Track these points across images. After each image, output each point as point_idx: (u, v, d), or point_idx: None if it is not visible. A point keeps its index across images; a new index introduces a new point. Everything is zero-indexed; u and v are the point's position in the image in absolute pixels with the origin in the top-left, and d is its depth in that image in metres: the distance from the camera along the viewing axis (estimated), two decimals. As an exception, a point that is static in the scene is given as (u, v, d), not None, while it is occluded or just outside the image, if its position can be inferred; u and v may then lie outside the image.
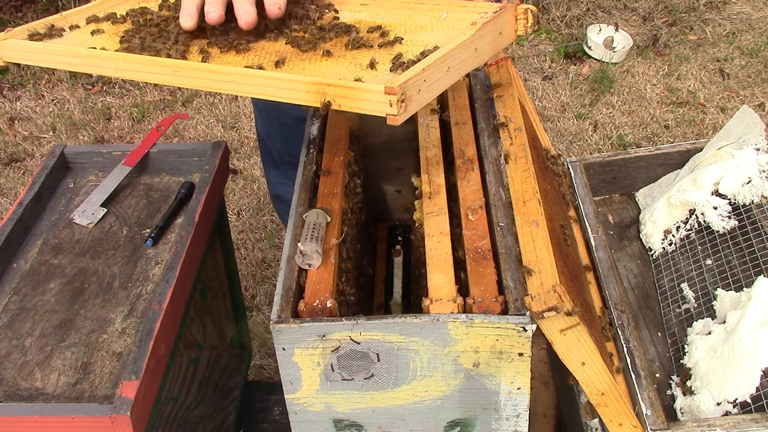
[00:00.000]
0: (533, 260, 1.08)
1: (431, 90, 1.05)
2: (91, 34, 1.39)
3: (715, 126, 3.36)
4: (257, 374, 2.40)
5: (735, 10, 4.24)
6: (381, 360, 1.09)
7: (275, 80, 1.09)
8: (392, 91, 0.96)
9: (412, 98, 0.99)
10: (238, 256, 2.77)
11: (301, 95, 1.06)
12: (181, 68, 1.18)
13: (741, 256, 1.39)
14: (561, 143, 3.35)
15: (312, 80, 1.05)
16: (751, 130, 1.54)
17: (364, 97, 1.00)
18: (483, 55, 1.17)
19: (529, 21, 1.21)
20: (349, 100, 1.02)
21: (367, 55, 1.18)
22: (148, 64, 1.22)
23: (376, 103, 0.99)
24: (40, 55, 1.34)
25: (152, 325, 1.19)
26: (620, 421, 1.13)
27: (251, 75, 1.12)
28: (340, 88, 1.03)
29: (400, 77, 1.00)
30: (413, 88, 0.99)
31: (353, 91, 1.01)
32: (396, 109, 0.97)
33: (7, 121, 3.69)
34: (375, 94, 0.99)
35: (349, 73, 1.13)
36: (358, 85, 1.01)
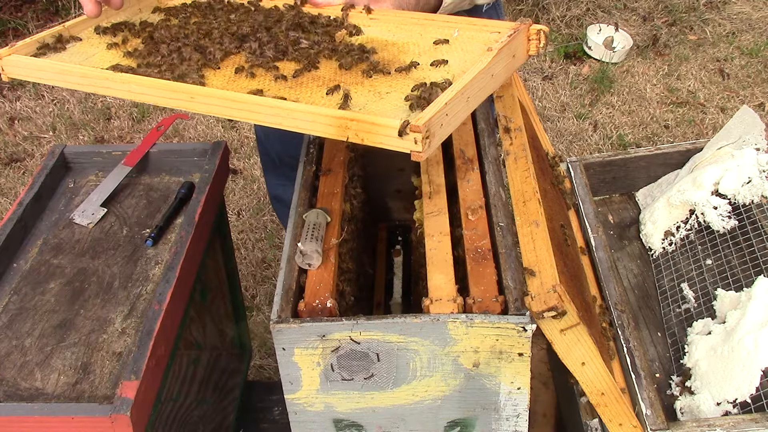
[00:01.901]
0: (533, 260, 1.08)
1: (452, 123, 1.03)
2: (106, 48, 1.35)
3: (715, 126, 3.36)
4: (257, 374, 2.40)
5: (735, 10, 4.24)
6: (381, 360, 1.09)
7: (297, 112, 1.06)
8: (417, 129, 0.95)
9: (436, 134, 0.98)
10: (238, 256, 2.77)
11: (323, 128, 1.04)
12: (197, 95, 1.15)
13: (741, 256, 1.39)
14: (561, 143, 3.35)
15: (335, 114, 1.03)
16: (751, 130, 1.54)
17: (389, 134, 0.98)
18: (498, 79, 1.16)
19: (541, 41, 1.19)
20: (373, 136, 1.00)
21: (384, 82, 1.15)
22: (162, 89, 1.18)
23: (400, 140, 0.97)
24: (46, 73, 1.29)
25: (152, 325, 1.19)
26: (620, 421, 1.13)
27: (271, 105, 1.08)
28: (363, 124, 1.01)
29: (424, 114, 0.98)
30: (436, 123, 0.98)
31: (377, 127, 0.99)
32: (421, 146, 0.96)
33: (7, 121, 3.69)
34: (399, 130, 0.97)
35: (369, 103, 1.10)
36: (382, 121, 0.99)
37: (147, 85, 1.19)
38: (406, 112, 1.04)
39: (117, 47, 1.35)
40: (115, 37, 1.39)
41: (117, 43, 1.36)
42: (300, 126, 1.06)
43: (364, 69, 1.18)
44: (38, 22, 4.34)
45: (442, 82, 1.08)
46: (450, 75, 1.14)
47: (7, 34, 4.29)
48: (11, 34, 4.29)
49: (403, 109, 1.05)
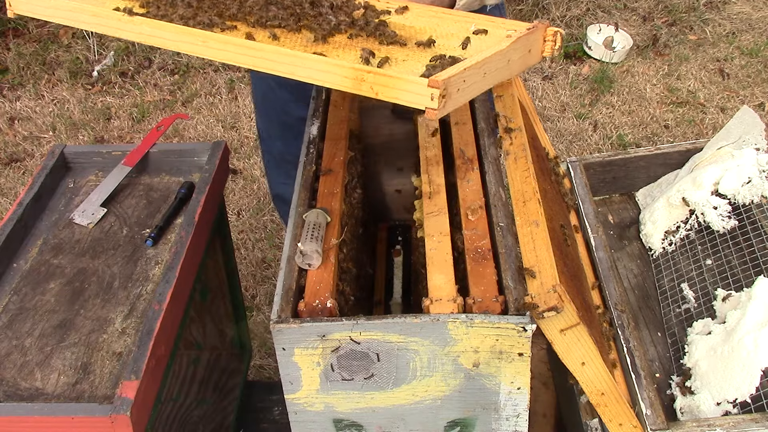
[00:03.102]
0: (533, 260, 1.08)
1: (467, 92, 1.03)
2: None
3: (715, 126, 3.36)
4: (257, 374, 2.40)
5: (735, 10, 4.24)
6: (381, 360, 1.09)
7: (313, 62, 1.05)
8: (436, 84, 0.94)
9: (452, 96, 0.98)
10: (238, 256, 2.76)
11: (339, 79, 1.03)
12: (210, 39, 1.13)
13: (741, 256, 1.39)
14: (561, 143, 3.35)
15: (353, 65, 1.02)
16: (751, 130, 1.54)
17: (405, 88, 0.98)
18: (513, 68, 1.16)
19: (556, 43, 1.20)
20: (389, 90, 0.99)
21: (401, 52, 1.15)
22: (176, 32, 1.16)
23: (416, 95, 0.97)
24: (57, 11, 1.24)
25: (152, 325, 1.19)
26: (620, 421, 1.13)
27: (288, 54, 1.07)
28: (380, 77, 1.00)
29: (443, 73, 0.98)
30: (454, 85, 0.98)
31: (394, 80, 0.99)
32: (437, 103, 0.95)
33: (7, 121, 3.69)
34: (417, 86, 0.97)
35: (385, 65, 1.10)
36: (400, 75, 0.99)
37: (159, 28, 1.16)
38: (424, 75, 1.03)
39: None
40: None
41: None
42: (315, 76, 1.05)
43: (381, 40, 1.18)
44: (38, 22, 4.34)
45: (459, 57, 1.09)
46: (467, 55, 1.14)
47: (7, 34, 4.29)
48: (11, 34, 4.28)
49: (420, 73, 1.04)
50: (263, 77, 1.95)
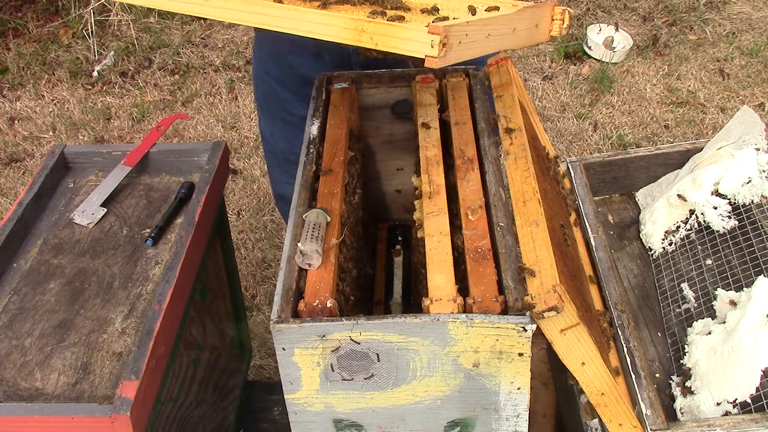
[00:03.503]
0: (533, 260, 1.08)
1: (469, 48, 1.03)
2: None
3: (715, 126, 3.36)
4: (257, 374, 2.40)
5: (735, 10, 4.24)
6: (381, 360, 1.09)
7: (313, 15, 1.06)
8: (436, 30, 0.94)
9: (452, 47, 0.97)
10: (238, 256, 2.76)
11: (339, 31, 1.03)
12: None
13: (741, 256, 1.39)
14: (561, 143, 3.35)
15: (352, 16, 1.03)
16: (751, 130, 1.54)
17: (405, 36, 0.98)
18: (519, 38, 1.16)
19: (564, 22, 1.21)
20: (389, 39, 0.99)
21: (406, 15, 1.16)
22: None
23: (416, 43, 0.97)
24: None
25: (152, 325, 1.19)
26: (620, 421, 1.13)
27: (288, 9, 1.08)
28: (380, 26, 1.00)
29: (444, 23, 0.98)
30: (455, 36, 0.97)
31: (394, 29, 0.99)
32: (437, 50, 0.95)
33: (7, 121, 3.69)
34: (417, 33, 0.97)
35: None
36: (400, 24, 0.99)
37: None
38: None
39: None
40: None
41: None
42: (316, 30, 1.06)
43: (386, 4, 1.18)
44: (38, 22, 4.34)
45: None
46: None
47: (7, 34, 4.29)
48: (11, 34, 4.28)
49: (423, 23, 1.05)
50: (265, 78, 1.95)
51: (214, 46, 4.22)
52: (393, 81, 1.62)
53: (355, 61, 1.77)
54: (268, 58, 1.93)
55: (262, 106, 2.11)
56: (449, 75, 1.58)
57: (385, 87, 1.63)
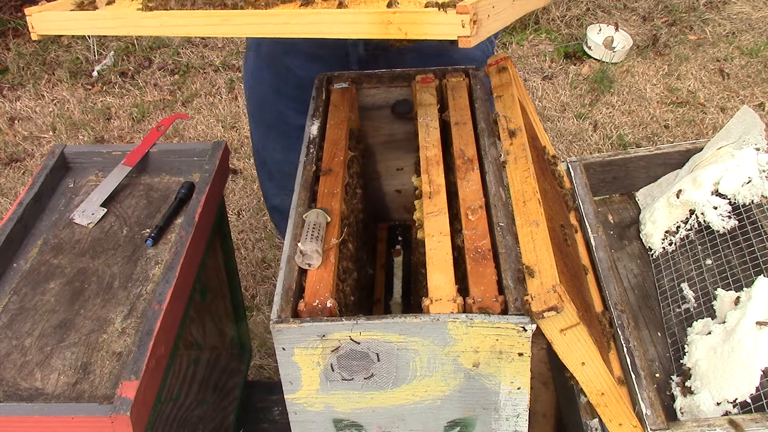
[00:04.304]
0: (533, 260, 1.08)
1: (498, 19, 1.02)
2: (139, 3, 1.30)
3: (715, 126, 3.36)
4: (257, 374, 2.40)
5: (735, 10, 4.24)
6: (381, 360, 1.09)
7: (336, 15, 1.04)
8: (465, 9, 0.92)
9: (482, 22, 0.96)
10: (238, 256, 2.76)
11: (366, 27, 1.02)
12: (231, 16, 1.13)
13: (741, 256, 1.39)
14: (561, 143, 3.35)
15: (376, 10, 1.01)
16: (751, 130, 1.54)
17: (434, 20, 0.96)
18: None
19: None
20: (417, 26, 0.98)
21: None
22: (194, 16, 1.17)
23: (446, 26, 0.95)
24: (77, 22, 1.27)
25: (152, 325, 1.19)
26: (620, 421, 1.13)
27: (308, 14, 1.07)
28: (407, 14, 0.98)
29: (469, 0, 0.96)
30: (484, 11, 0.96)
31: (421, 15, 0.97)
32: (469, 29, 0.93)
33: (7, 121, 3.69)
34: (445, 16, 0.95)
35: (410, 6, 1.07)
36: (427, 9, 0.97)
37: (178, 16, 1.18)
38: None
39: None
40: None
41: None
42: (343, 31, 1.04)
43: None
44: (38, 22, 4.34)
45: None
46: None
47: (7, 34, 4.29)
48: (11, 34, 4.28)
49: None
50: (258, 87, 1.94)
51: (214, 46, 4.22)
52: (393, 81, 1.62)
53: (354, 59, 1.77)
54: (261, 65, 1.91)
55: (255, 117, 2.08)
56: (449, 75, 1.58)
57: (385, 87, 1.63)
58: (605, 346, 1.24)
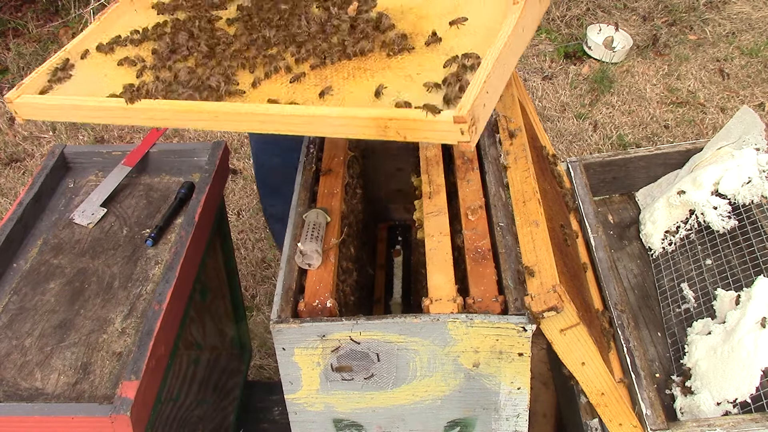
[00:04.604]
0: (533, 260, 1.08)
1: (493, 98, 0.98)
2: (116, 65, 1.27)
3: (715, 126, 3.36)
4: (257, 374, 2.40)
5: (735, 10, 4.24)
6: (381, 360, 1.09)
7: (331, 118, 1.00)
8: (462, 119, 0.90)
9: (479, 118, 0.93)
10: (238, 256, 2.76)
11: (362, 130, 0.98)
12: (221, 113, 1.07)
13: (741, 256, 1.39)
14: (561, 143, 3.35)
15: (372, 115, 0.97)
16: (751, 130, 1.54)
17: (433, 128, 0.93)
18: (528, 33, 1.09)
19: None
20: (416, 132, 0.95)
21: (412, 62, 1.08)
22: (185, 110, 1.10)
23: (446, 133, 0.93)
24: (61, 111, 1.22)
25: (152, 325, 1.19)
26: (620, 421, 1.13)
27: (304, 114, 1.01)
28: (404, 121, 0.95)
29: (465, 99, 0.92)
30: (479, 107, 0.93)
31: (419, 123, 0.94)
32: (468, 135, 0.91)
33: (7, 121, 3.69)
34: (444, 124, 0.92)
35: (403, 90, 1.03)
36: (423, 117, 0.94)
37: (168, 108, 1.12)
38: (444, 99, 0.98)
39: (126, 64, 1.28)
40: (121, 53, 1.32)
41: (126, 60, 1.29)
42: (338, 131, 1.01)
43: (386, 50, 1.12)
44: (38, 22, 4.34)
45: (471, 53, 1.03)
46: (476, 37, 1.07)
47: (7, 34, 4.29)
48: (11, 34, 4.28)
49: (440, 93, 1.00)
50: None
51: (214, 46, 4.21)
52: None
53: None
54: None
55: None
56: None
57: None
58: (605, 346, 1.24)
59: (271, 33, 1.22)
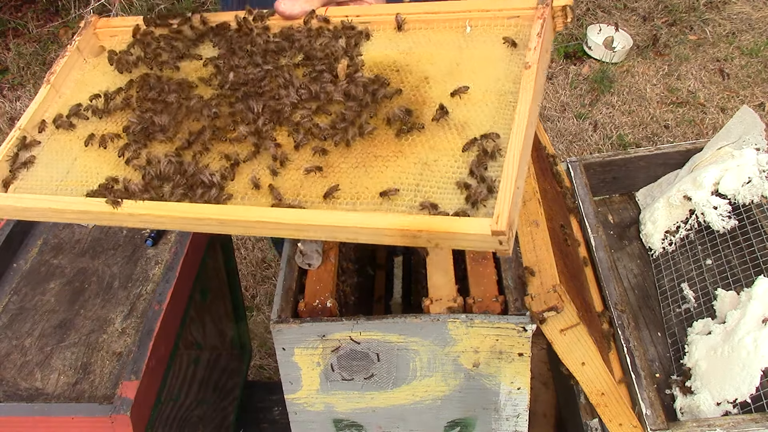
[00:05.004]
0: (533, 260, 1.08)
1: (522, 186, 0.90)
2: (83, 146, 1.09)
3: (715, 126, 3.36)
4: (257, 374, 2.40)
5: (735, 10, 4.24)
6: (381, 360, 1.09)
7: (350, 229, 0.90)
8: (502, 233, 0.83)
9: (515, 219, 0.85)
10: (238, 256, 2.76)
11: (390, 239, 0.89)
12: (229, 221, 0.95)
13: (741, 256, 1.39)
14: (561, 143, 3.35)
15: (400, 226, 0.88)
16: (751, 130, 1.54)
17: (469, 239, 0.86)
18: (540, 88, 0.99)
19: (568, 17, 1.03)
20: (449, 241, 0.87)
21: (425, 144, 0.97)
22: (182, 216, 0.97)
23: (482, 243, 0.86)
24: (41, 213, 1.04)
25: (152, 325, 1.19)
26: (620, 421, 1.13)
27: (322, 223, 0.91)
28: (436, 233, 0.86)
29: (500, 208, 0.84)
30: (514, 210, 0.85)
31: (452, 234, 0.86)
32: (507, 245, 0.84)
33: (7, 121, 3.69)
34: (481, 237, 0.85)
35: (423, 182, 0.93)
36: (459, 227, 0.86)
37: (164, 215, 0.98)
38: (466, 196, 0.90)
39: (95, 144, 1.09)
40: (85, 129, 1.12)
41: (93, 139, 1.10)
42: (361, 239, 0.92)
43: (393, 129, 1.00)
44: (38, 22, 4.34)
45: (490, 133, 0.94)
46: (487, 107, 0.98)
47: (7, 34, 4.29)
48: (11, 34, 4.29)
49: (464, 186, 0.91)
50: None
51: (214, 46, 4.22)
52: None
53: None
54: None
55: None
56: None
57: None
58: (605, 346, 1.24)
59: (258, 106, 1.05)
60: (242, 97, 1.08)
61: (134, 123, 1.09)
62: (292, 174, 0.99)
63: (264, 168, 1.01)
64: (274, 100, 1.06)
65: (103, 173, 1.05)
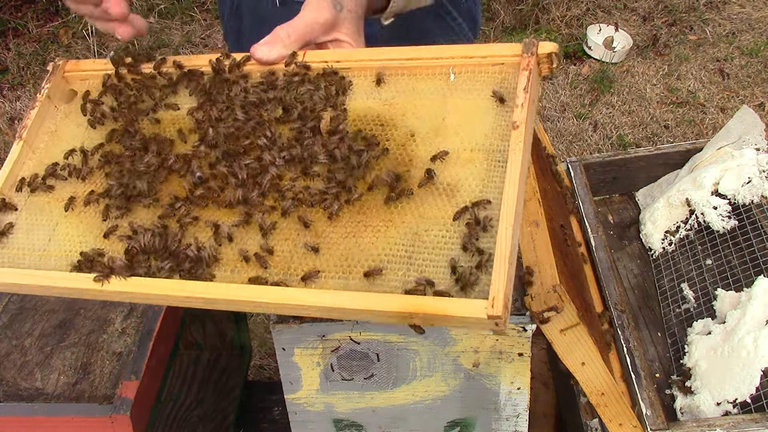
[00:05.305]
0: (533, 260, 1.08)
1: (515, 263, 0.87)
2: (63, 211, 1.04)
3: (715, 126, 3.36)
4: (257, 374, 2.40)
5: (735, 10, 4.24)
6: (381, 360, 1.09)
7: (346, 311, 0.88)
8: (498, 317, 0.81)
9: (510, 296, 0.84)
10: (238, 256, 2.76)
11: (383, 320, 0.88)
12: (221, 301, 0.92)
13: (741, 256, 1.39)
14: (561, 143, 3.35)
15: (395, 309, 0.86)
16: (751, 130, 1.54)
17: (464, 321, 0.85)
18: (528, 145, 0.95)
19: (554, 63, 0.99)
20: (444, 322, 0.86)
21: (414, 212, 0.94)
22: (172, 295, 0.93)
23: (478, 325, 0.85)
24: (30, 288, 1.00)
25: (152, 325, 1.19)
26: (620, 421, 1.13)
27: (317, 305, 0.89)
28: (431, 315, 0.85)
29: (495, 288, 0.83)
30: (509, 290, 0.84)
31: (449, 318, 0.85)
32: (503, 326, 0.83)
33: (7, 121, 3.69)
34: (477, 321, 0.83)
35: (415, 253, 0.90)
36: (454, 310, 0.84)
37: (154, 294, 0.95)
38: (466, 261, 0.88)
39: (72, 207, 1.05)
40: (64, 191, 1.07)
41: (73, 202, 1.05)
42: (358, 318, 0.90)
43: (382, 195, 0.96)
44: (38, 22, 4.34)
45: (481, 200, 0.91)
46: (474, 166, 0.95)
47: (7, 34, 4.29)
48: (11, 34, 4.29)
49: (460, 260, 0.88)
50: None
51: (214, 46, 4.22)
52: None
53: None
54: None
55: None
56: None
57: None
58: (605, 346, 1.24)
59: (243, 173, 1.00)
60: (224, 157, 1.03)
61: (113, 185, 1.03)
62: (281, 245, 0.95)
63: (253, 238, 0.97)
64: (257, 161, 1.01)
65: (87, 243, 1.01)
